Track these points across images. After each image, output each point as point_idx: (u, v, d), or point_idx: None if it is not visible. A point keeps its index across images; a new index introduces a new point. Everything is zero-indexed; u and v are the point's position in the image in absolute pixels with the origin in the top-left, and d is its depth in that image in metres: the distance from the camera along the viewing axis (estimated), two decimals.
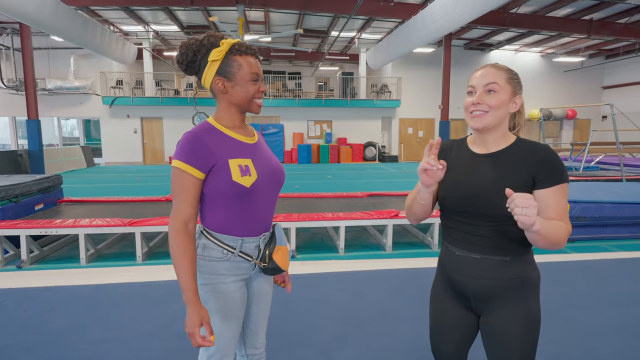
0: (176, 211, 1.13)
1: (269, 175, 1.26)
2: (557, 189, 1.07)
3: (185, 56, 1.20)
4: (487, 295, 1.16)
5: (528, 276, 1.15)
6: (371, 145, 16.45)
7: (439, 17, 9.51)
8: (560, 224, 1.05)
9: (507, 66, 1.16)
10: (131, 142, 15.87)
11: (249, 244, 1.25)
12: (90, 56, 15.08)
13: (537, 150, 1.11)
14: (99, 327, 2.48)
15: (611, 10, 11.74)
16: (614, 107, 8.02)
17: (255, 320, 1.38)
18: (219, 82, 1.19)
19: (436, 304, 1.30)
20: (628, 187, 5.73)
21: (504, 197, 1.01)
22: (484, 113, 1.11)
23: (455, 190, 1.17)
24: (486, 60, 17.45)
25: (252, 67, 1.19)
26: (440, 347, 1.29)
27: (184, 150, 1.13)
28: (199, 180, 1.14)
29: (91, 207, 4.96)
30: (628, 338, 2.36)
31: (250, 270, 1.28)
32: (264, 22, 13.48)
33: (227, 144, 1.19)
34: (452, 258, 1.22)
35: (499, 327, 1.15)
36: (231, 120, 1.25)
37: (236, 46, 1.19)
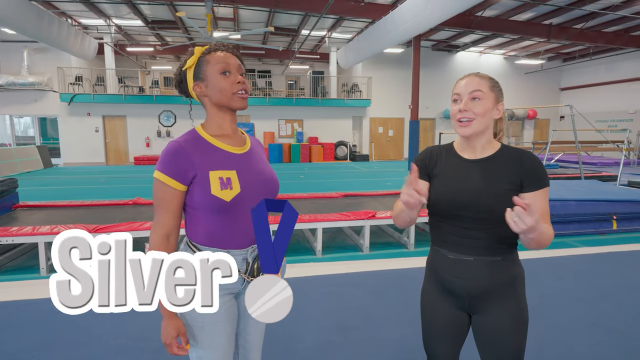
0: (157, 223, 1.12)
1: (257, 187, 1.19)
2: (541, 192, 1.16)
3: (176, 77, 1.23)
4: (481, 295, 1.21)
5: (517, 274, 1.22)
6: (342, 145, 16.51)
7: (409, 18, 9.65)
8: (547, 226, 1.12)
9: (488, 75, 1.23)
10: (92, 141, 15.11)
11: (235, 257, 1.18)
12: (46, 50, 14.21)
13: (523, 157, 1.19)
14: (66, 344, 2.30)
15: (569, 16, 12.35)
16: (573, 108, 8.44)
17: (250, 339, 1.31)
18: (197, 87, 1.17)
19: (429, 306, 1.33)
20: (588, 184, 6.03)
21: (496, 200, 1.13)
22: (471, 120, 1.17)
23: (447, 195, 1.21)
24: (453, 61, 17.94)
25: (220, 60, 1.16)
26: (434, 348, 1.32)
27: (165, 161, 1.10)
28: (180, 192, 1.11)
29: (51, 213, 4.65)
30: (600, 334, 2.45)
31: (238, 285, 1.21)
32: (233, 19, 13.20)
33: (210, 155, 1.14)
34: (445, 261, 1.25)
35: (494, 323, 1.21)
36: (219, 127, 1.19)
37: (206, 50, 1.18)
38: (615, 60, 16.59)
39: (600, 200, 4.97)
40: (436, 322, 1.30)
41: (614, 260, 3.84)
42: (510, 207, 1.08)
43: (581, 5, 11.17)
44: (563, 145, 11.77)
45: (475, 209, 1.16)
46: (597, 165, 12.53)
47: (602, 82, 17.34)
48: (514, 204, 1.07)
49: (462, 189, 1.19)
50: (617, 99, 16.76)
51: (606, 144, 11.14)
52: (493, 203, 1.14)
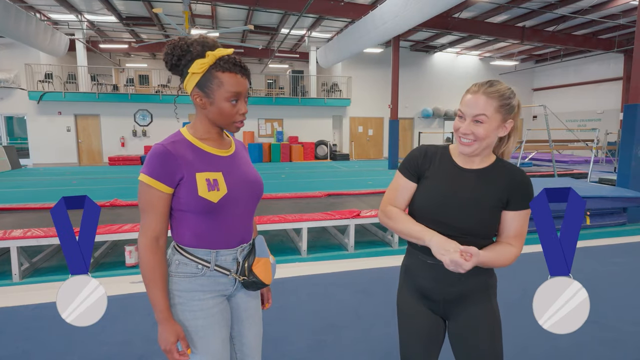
0: (145, 227, 1.10)
1: (243, 188, 1.18)
2: (523, 213, 1.16)
3: (170, 57, 1.12)
4: (456, 300, 1.23)
5: (491, 282, 1.26)
6: (323, 144, 16.52)
7: (389, 18, 9.73)
8: (508, 250, 1.15)
9: (501, 91, 1.12)
10: (64, 141, 14.56)
11: (224, 256, 1.17)
12: (12, 46, 13.59)
13: (515, 175, 1.18)
14: (45, 353, 2.19)
15: (541, 19, 12.77)
16: (547, 108, 8.72)
17: (248, 342, 1.28)
18: (197, 97, 1.12)
19: (406, 310, 1.30)
20: (562, 182, 6.25)
21: (482, 214, 1.15)
22: (472, 141, 1.15)
23: (434, 200, 1.19)
24: (431, 61, 18.24)
25: (232, 86, 1.10)
26: (411, 353, 1.29)
27: (151, 163, 1.07)
28: (167, 195, 1.09)
29: (22, 216, 4.44)
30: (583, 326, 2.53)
31: (230, 286, 1.19)
32: (211, 17, 12.97)
33: (196, 157, 1.12)
34: (422, 266, 1.24)
35: (469, 326, 1.22)
36: (206, 132, 1.17)
37: (222, 61, 1.09)
38: (584, 62, 17.28)
39: None
40: (413, 326, 1.28)
41: (589, 255, 3.98)
42: (494, 222, 1.17)
43: (553, 8, 11.57)
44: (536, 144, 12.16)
45: (461, 218, 1.16)
46: (568, 163, 13.01)
47: (571, 84, 18.03)
48: (495, 219, 1.16)
49: (450, 197, 1.17)
50: (586, 100, 17.47)
51: (577, 143, 11.58)
52: (479, 216, 1.15)
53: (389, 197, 1.27)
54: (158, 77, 16.27)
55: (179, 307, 1.13)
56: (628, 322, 2.58)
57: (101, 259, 4.03)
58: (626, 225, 5.47)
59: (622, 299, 2.95)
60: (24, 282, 3.45)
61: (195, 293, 1.14)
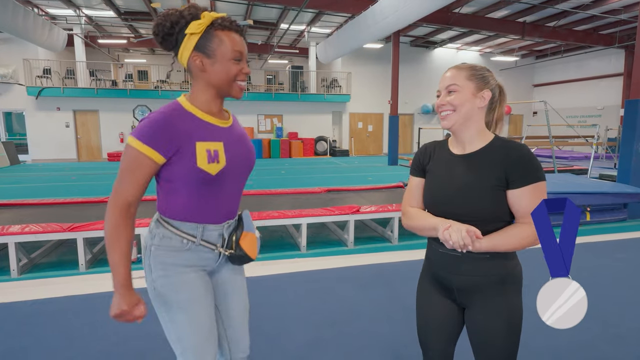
0: (121, 190, 1.03)
1: (239, 160, 1.16)
2: (529, 189, 1.09)
3: (162, 27, 1.06)
4: (470, 290, 1.20)
5: (508, 272, 1.18)
6: (322, 140, 16.48)
7: (389, 13, 9.67)
8: (521, 229, 1.10)
9: (472, 64, 1.19)
10: (63, 137, 14.51)
11: (211, 231, 1.14)
12: (10, 41, 13.50)
13: (511, 151, 1.13)
14: (43, 349, 2.18)
15: (542, 14, 12.69)
16: (547, 104, 8.69)
17: (235, 316, 1.26)
18: (197, 59, 1.07)
19: (422, 298, 1.33)
20: (563, 178, 6.23)
21: (480, 197, 1.12)
22: (451, 112, 1.16)
23: (434, 190, 1.22)
24: (431, 57, 18.17)
25: (235, 44, 1.08)
26: (427, 340, 1.32)
27: (146, 130, 1.01)
28: (156, 164, 1.03)
29: (20, 211, 4.42)
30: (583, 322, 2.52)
31: (214, 261, 1.17)
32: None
33: (197, 126, 1.08)
34: (436, 255, 1.25)
35: (482, 322, 1.19)
36: (207, 105, 1.12)
37: (219, 20, 1.07)
38: (585, 58, 17.21)
39: (574, 192, 5.13)
40: (430, 314, 1.30)
41: (589, 251, 3.97)
42: (496, 204, 1.12)
43: (554, 4, 11.50)
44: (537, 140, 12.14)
45: (459, 205, 1.15)
46: (568, 160, 12.99)
47: (572, 79, 17.97)
48: (498, 201, 1.11)
49: (446, 186, 1.19)
50: (586, 96, 17.42)
51: (577, 139, 11.56)
52: (476, 200, 1.12)
53: (406, 199, 1.31)
54: (157, 72, 16.20)
55: (161, 280, 1.10)
56: (630, 318, 2.57)
57: (100, 255, 4.01)
58: (627, 221, 5.45)
59: (623, 295, 2.94)
60: (22, 278, 3.43)
61: (178, 267, 1.11)
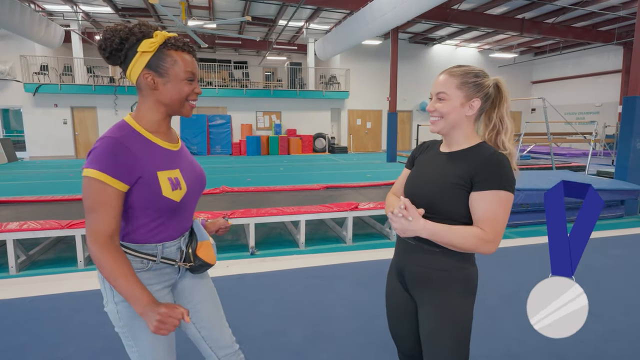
0: (97, 227, 0.99)
1: (195, 184, 1.20)
2: (490, 194, 1.07)
3: (110, 42, 1.05)
4: (419, 282, 1.21)
5: (458, 272, 1.16)
6: (321, 137, 16.47)
7: (388, 10, 9.64)
8: (469, 230, 1.07)
9: (466, 69, 1.16)
10: (60, 133, 14.45)
11: (169, 248, 1.16)
12: (7, 37, 13.42)
13: (483, 153, 1.13)
14: (41, 346, 2.18)
15: (540, 11, 12.67)
16: (545, 101, 8.69)
17: (206, 317, 1.28)
18: (149, 77, 1.06)
19: (387, 287, 1.37)
20: (561, 174, 6.24)
21: (436, 191, 1.14)
22: (438, 119, 1.18)
23: (408, 180, 1.28)
24: (430, 53, 18.13)
25: (187, 65, 1.08)
26: (393, 330, 1.36)
27: (104, 159, 0.98)
28: (122, 193, 1.02)
29: (18, 208, 4.42)
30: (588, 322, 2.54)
31: (174, 274, 1.20)
32: (208, 8, 12.83)
33: (153, 153, 1.08)
34: (398, 242, 1.31)
35: (426, 320, 1.20)
36: (155, 123, 1.11)
37: (172, 40, 1.08)
38: (583, 54, 17.20)
39: None
40: (392, 302, 1.34)
41: (587, 247, 3.98)
42: (456, 202, 1.12)
43: (553, 0, 11.48)
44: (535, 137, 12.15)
45: (419, 196, 1.18)
46: (566, 156, 13.03)
47: (570, 76, 17.97)
48: (456, 199, 1.12)
49: (417, 177, 1.24)
50: (584, 92, 17.42)
51: (575, 136, 11.58)
52: (432, 194, 1.15)
53: (392, 189, 1.39)
54: None
55: (124, 303, 1.09)
56: (626, 314, 2.59)
57: None
58: (623, 217, 5.48)
59: (619, 291, 2.96)
60: (21, 275, 3.44)
61: None
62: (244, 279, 3.12)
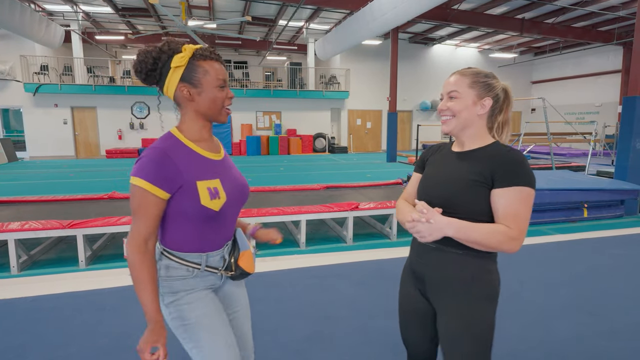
0: (136, 230, 1.08)
1: (236, 193, 1.22)
2: (511, 191, 1.06)
3: (144, 64, 1.11)
4: (438, 286, 1.18)
5: (479, 276, 1.14)
6: (321, 137, 16.48)
7: (388, 10, 9.65)
8: (496, 227, 1.06)
9: (476, 70, 1.19)
10: (61, 133, 14.46)
11: (213, 257, 1.20)
12: (7, 37, 13.43)
13: (500, 152, 1.13)
14: (43, 345, 2.19)
15: (540, 11, 12.68)
16: (545, 101, 8.70)
17: (239, 325, 1.34)
18: (184, 89, 1.12)
19: (401, 290, 1.34)
20: (560, 174, 6.25)
21: (455, 189, 1.13)
22: (450, 118, 1.18)
23: (422, 181, 1.27)
24: (430, 53, 18.14)
25: (218, 72, 1.13)
26: (407, 335, 1.33)
27: (149, 168, 1.05)
28: (163, 200, 1.08)
29: (19, 208, 4.42)
30: (579, 317, 2.56)
31: (217, 280, 1.25)
32: (208, 8, 12.84)
33: (195, 163, 1.12)
34: (414, 244, 1.28)
35: (446, 326, 1.17)
36: (198, 132, 1.17)
37: (199, 51, 1.13)
38: (583, 54, 17.22)
39: (572, 189, 5.16)
40: (405, 306, 1.31)
41: (586, 246, 4.00)
42: (476, 200, 1.11)
43: (552, 0, 11.48)
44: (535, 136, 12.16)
45: (435, 196, 1.17)
46: (566, 156, 13.03)
47: (570, 76, 17.97)
48: (475, 197, 1.11)
49: (432, 177, 1.23)
50: (584, 92, 17.43)
51: (575, 136, 11.59)
52: (450, 192, 1.14)
53: (402, 194, 1.37)
54: None
55: (174, 305, 1.15)
56: (625, 313, 2.60)
57: (99, 252, 4.02)
58: (623, 217, 5.49)
59: (619, 290, 2.97)
60: (22, 275, 3.44)
61: (187, 291, 1.17)
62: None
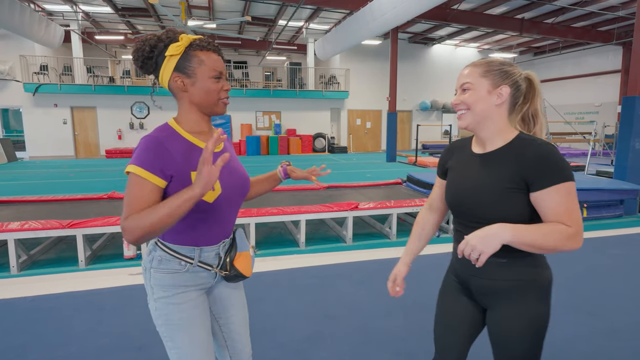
0: (128, 212, 0.99)
1: (234, 186, 1.19)
2: (554, 190, 0.99)
3: (142, 52, 1.09)
4: (487, 293, 1.16)
5: (531, 278, 1.10)
6: (321, 137, 16.47)
7: (387, 10, 9.65)
8: (553, 226, 0.99)
9: (489, 59, 1.12)
10: (60, 133, 14.45)
11: (208, 252, 1.17)
12: (7, 37, 13.43)
13: (528, 148, 1.04)
14: (42, 345, 2.19)
15: (540, 11, 12.69)
16: (545, 101, 8.70)
17: (236, 329, 1.31)
18: (178, 79, 1.09)
19: (442, 293, 1.31)
20: None
21: (492, 199, 1.06)
22: (465, 111, 1.11)
23: (450, 190, 1.20)
24: (429, 53, 18.14)
25: (214, 63, 1.11)
26: (441, 337, 1.28)
27: (144, 155, 1.02)
28: (160, 188, 1.04)
29: (19, 208, 4.42)
30: (580, 317, 2.56)
31: (211, 279, 1.21)
32: (208, 8, 12.84)
33: (190, 154, 1.09)
34: (456, 255, 1.24)
35: (497, 328, 1.15)
36: (196, 124, 1.14)
37: (197, 41, 1.10)
38: (583, 54, 17.23)
39: None
40: (445, 308, 1.28)
41: (586, 246, 4.00)
42: (514, 207, 1.05)
43: (552, 0, 11.49)
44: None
45: (471, 206, 1.11)
46: (565, 156, 13.03)
47: (569, 76, 17.98)
48: (514, 204, 1.04)
49: (460, 186, 1.16)
50: (584, 92, 17.44)
51: (575, 136, 11.59)
52: (489, 202, 1.07)
53: (428, 200, 1.36)
54: None
55: (162, 301, 1.13)
56: (625, 313, 2.60)
57: (99, 251, 4.02)
58: (622, 217, 5.49)
59: (619, 290, 2.97)
60: (22, 275, 3.44)
61: (178, 287, 1.14)
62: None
